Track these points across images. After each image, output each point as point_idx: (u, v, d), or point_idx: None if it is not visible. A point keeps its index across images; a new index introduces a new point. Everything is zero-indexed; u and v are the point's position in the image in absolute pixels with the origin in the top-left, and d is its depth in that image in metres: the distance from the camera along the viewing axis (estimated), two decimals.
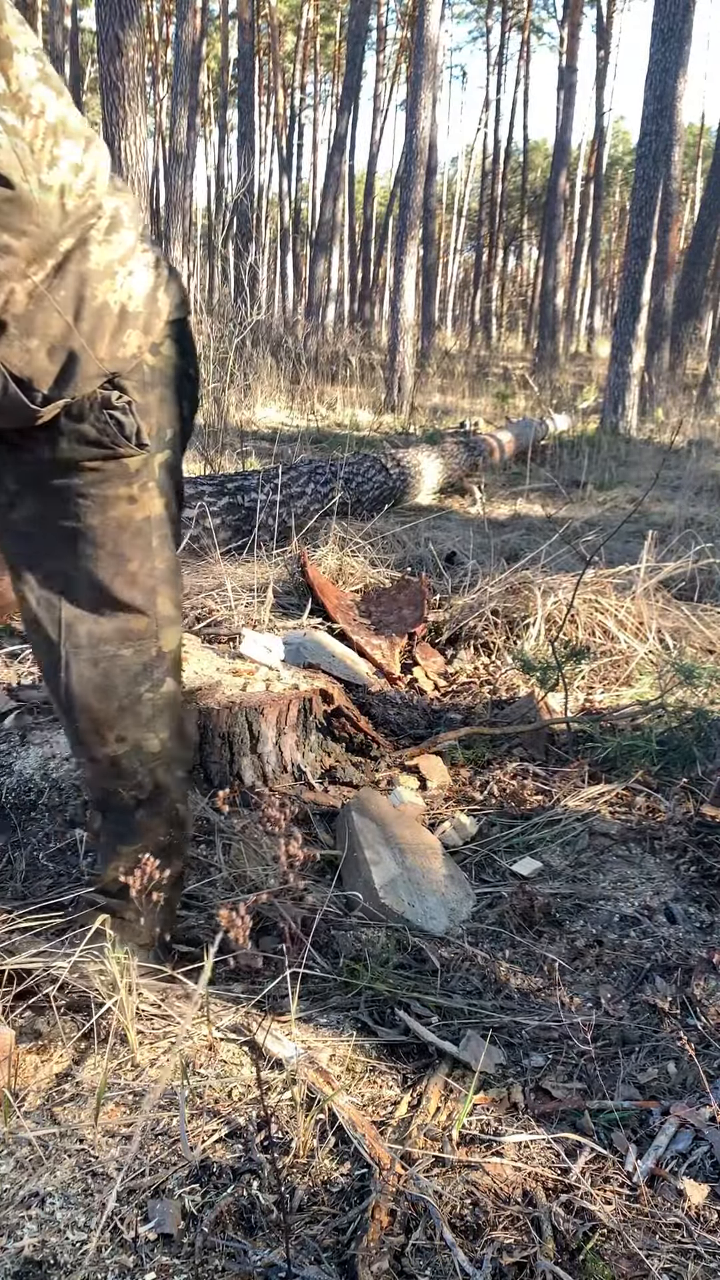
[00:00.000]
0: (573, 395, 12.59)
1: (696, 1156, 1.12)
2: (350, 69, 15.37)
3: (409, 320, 10.47)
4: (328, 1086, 1.16)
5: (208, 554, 3.69)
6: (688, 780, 2.13)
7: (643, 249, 8.72)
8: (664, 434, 9.30)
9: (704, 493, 6.04)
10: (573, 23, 18.56)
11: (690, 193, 29.92)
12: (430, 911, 1.63)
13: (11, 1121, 1.09)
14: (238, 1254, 0.95)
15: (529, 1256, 0.97)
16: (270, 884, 1.64)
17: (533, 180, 35.81)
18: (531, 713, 2.45)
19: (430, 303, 20.28)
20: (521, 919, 1.62)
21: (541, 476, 6.62)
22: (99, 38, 7.12)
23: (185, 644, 2.30)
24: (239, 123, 17.41)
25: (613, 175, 41.39)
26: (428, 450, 5.79)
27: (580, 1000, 1.41)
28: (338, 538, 3.77)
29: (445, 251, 39.20)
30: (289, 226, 30.76)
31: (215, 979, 1.38)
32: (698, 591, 3.56)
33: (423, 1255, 0.97)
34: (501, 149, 30.25)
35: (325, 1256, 0.96)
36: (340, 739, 2.24)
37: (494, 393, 11.76)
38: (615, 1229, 1.01)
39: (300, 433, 8.16)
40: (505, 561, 3.81)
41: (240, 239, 14.75)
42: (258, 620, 2.71)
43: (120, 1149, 1.07)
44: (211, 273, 11.94)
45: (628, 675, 2.78)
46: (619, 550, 4.32)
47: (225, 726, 1.92)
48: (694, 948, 1.54)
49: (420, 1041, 1.29)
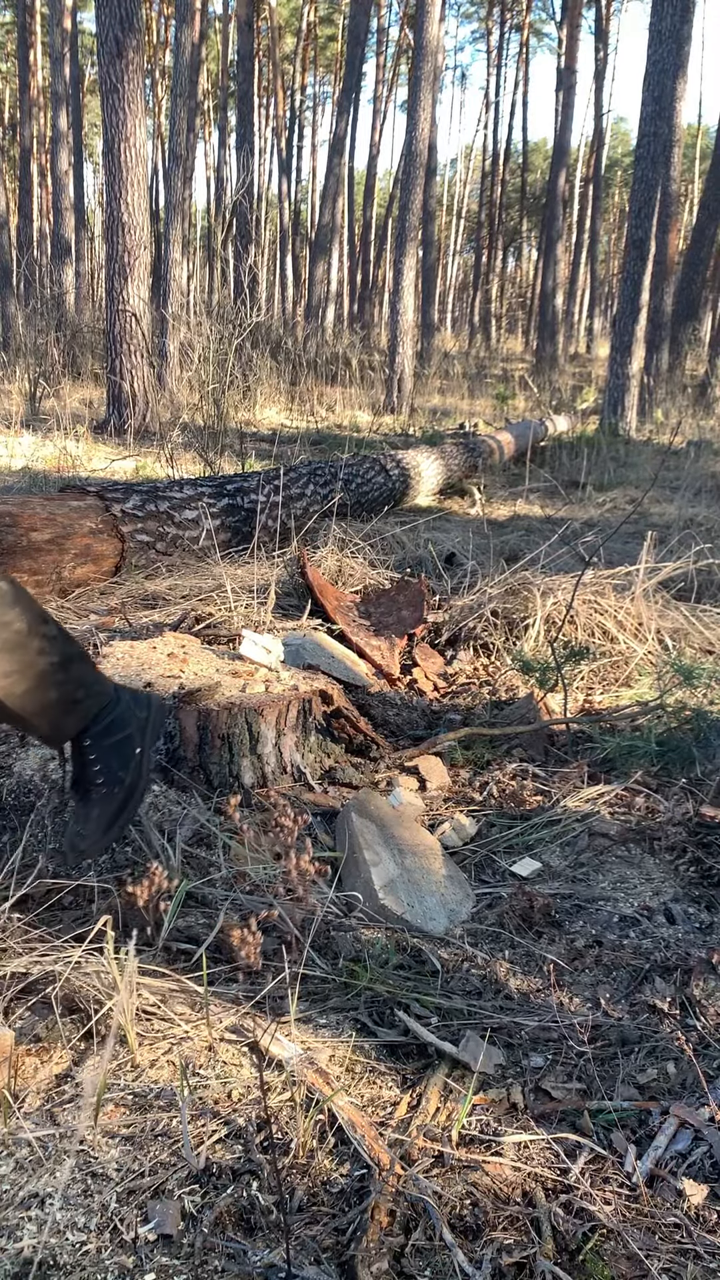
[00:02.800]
0: (572, 396, 12.60)
1: (696, 1156, 1.12)
2: (350, 70, 15.38)
3: (408, 322, 10.48)
4: (327, 1087, 1.16)
5: (207, 555, 3.70)
6: (687, 781, 2.13)
7: (642, 250, 8.73)
8: (663, 435, 9.31)
9: (703, 493, 6.04)
10: (572, 24, 18.57)
11: (689, 194, 29.95)
12: (430, 912, 1.63)
13: (11, 1122, 1.09)
14: (237, 1254, 0.95)
15: (528, 1257, 0.97)
16: (271, 884, 1.64)
17: (532, 181, 35.84)
18: (531, 713, 2.46)
19: (430, 304, 20.30)
20: (521, 919, 1.62)
21: (541, 478, 6.63)
22: (99, 39, 7.13)
23: (184, 644, 2.31)
24: (238, 124, 17.42)
25: (612, 176, 41.43)
26: (427, 451, 5.79)
27: (580, 1001, 1.41)
28: (337, 539, 3.78)
29: (445, 253, 39.22)
30: (288, 228, 30.77)
31: (215, 979, 1.38)
32: (697, 592, 3.56)
33: (422, 1255, 0.97)
34: (501, 150, 30.29)
35: (325, 1257, 0.96)
36: (340, 740, 2.24)
37: (493, 394, 11.77)
38: (615, 1229, 1.01)
39: (300, 434, 8.17)
40: (505, 562, 3.81)
41: (240, 241, 14.75)
42: (258, 621, 2.71)
43: (120, 1149, 1.07)
44: (211, 274, 11.95)
45: (627, 676, 2.78)
46: (618, 551, 4.33)
47: (225, 728, 1.93)
48: (693, 948, 1.54)
49: (420, 1042, 1.29)
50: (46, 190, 24.64)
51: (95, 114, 32.29)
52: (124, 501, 3.49)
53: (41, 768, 1.85)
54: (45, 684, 1.38)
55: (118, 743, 1.48)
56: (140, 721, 1.52)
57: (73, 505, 3.35)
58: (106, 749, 1.47)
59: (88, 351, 11.24)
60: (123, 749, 1.48)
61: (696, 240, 14.22)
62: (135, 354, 7.48)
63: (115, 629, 2.78)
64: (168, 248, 10.36)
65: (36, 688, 1.37)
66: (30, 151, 19.94)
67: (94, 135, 36.01)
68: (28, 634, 1.35)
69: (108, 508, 3.42)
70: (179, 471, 5.65)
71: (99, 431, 7.47)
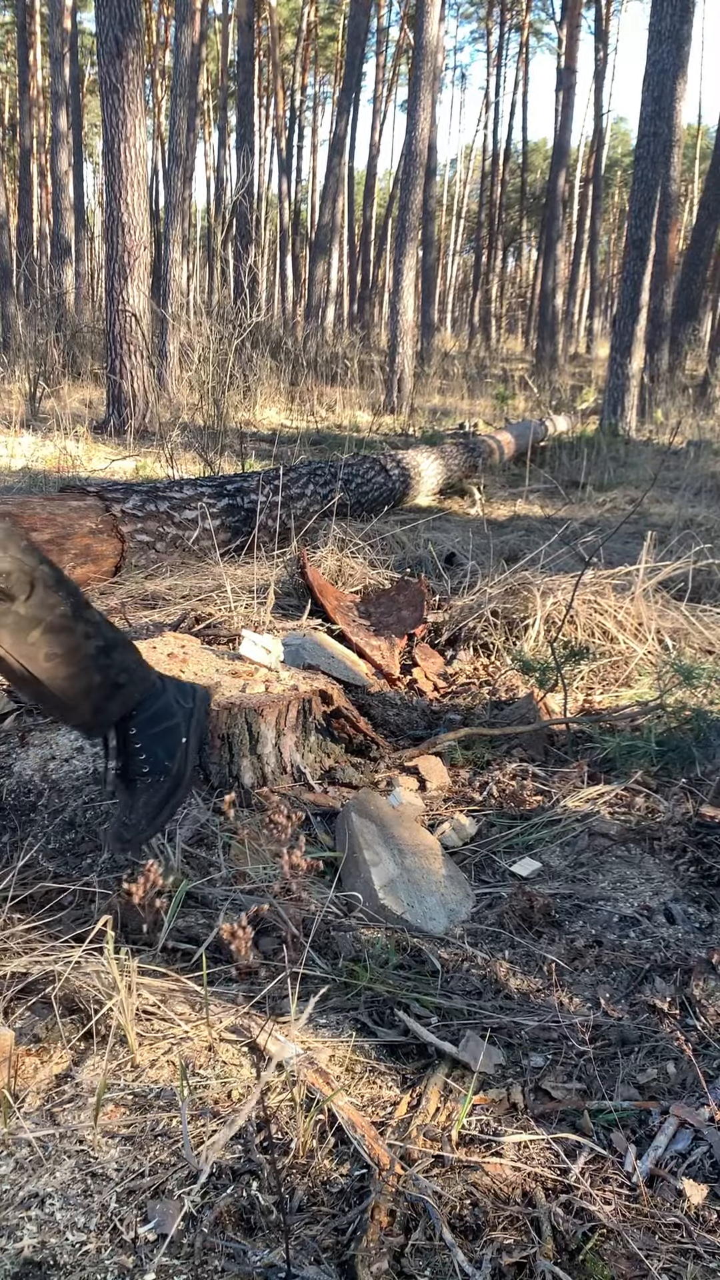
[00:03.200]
0: (572, 396, 12.60)
1: (696, 1156, 1.12)
2: (350, 71, 15.39)
3: (408, 322, 10.48)
4: (327, 1087, 1.16)
5: (207, 555, 3.70)
6: (687, 780, 2.13)
7: (642, 250, 8.73)
8: (663, 435, 9.31)
9: (703, 493, 6.05)
10: (571, 24, 18.58)
11: (689, 194, 29.95)
12: (430, 912, 1.63)
13: (11, 1123, 1.10)
14: (237, 1254, 0.95)
15: (528, 1257, 0.97)
16: (271, 884, 1.64)
17: (532, 181, 35.85)
18: (531, 713, 2.46)
19: (430, 304, 20.30)
20: (521, 919, 1.62)
21: (541, 478, 6.63)
22: (99, 40, 7.14)
23: (184, 644, 2.31)
24: (238, 124, 17.42)
25: (612, 176, 41.44)
26: (427, 451, 5.79)
27: (580, 1000, 1.41)
28: (337, 539, 3.78)
29: (444, 253, 39.23)
30: (288, 228, 30.77)
31: (214, 979, 1.38)
32: (696, 592, 3.56)
33: (422, 1255, 0.97)
34: (501, 150, 30.30)
35: (325, 1257, 0.96)
36: (340, 740, 2.24)
37: (493, 394, 11.77)
38: (615, 1229, 1.01)
39: (300, 434, 8.17)
40: (505, 562, 3.81)
41: (240, 240, 14.76)
42: (258, 621, 2.71)
43: (120, 1149, 1.07)
44: (211, 274, 11.95)
45: (627, 676, 2.78)
46: (618, 551, 4.33)
47: (225, 728, 1.93)
48: (693, 948, 1.54)
49: (420, 1042, 1.29)
50: (46, 190, 24.65)
51: (95, 114, 32.30)
52: (124, 501, 3.49)
53: (41, 767, 1.85)
54: (90, 668, 1.38)
55: (163, 731, 1.47)
56: (186, 712, 1.51)
57: (72, 505, 3.35)
58: (152, 737, 1.46)
59: (88, 351, 11.24)
60: (168, 738, 1.47)
61: (696, 240, 14.22)
62: (135, 354, 7.48)
63: None
64: (168, 248, 10.36)
65: (81, 671, 1.37)
66: (30, 151, 19.94)
67: (94, 135, 36.02)
68: (72, 617, 1.36)
69: (108, 508, 3.42)
70: (179, 471, 5.65)
71: (99, 431, 7.47)
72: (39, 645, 1.33)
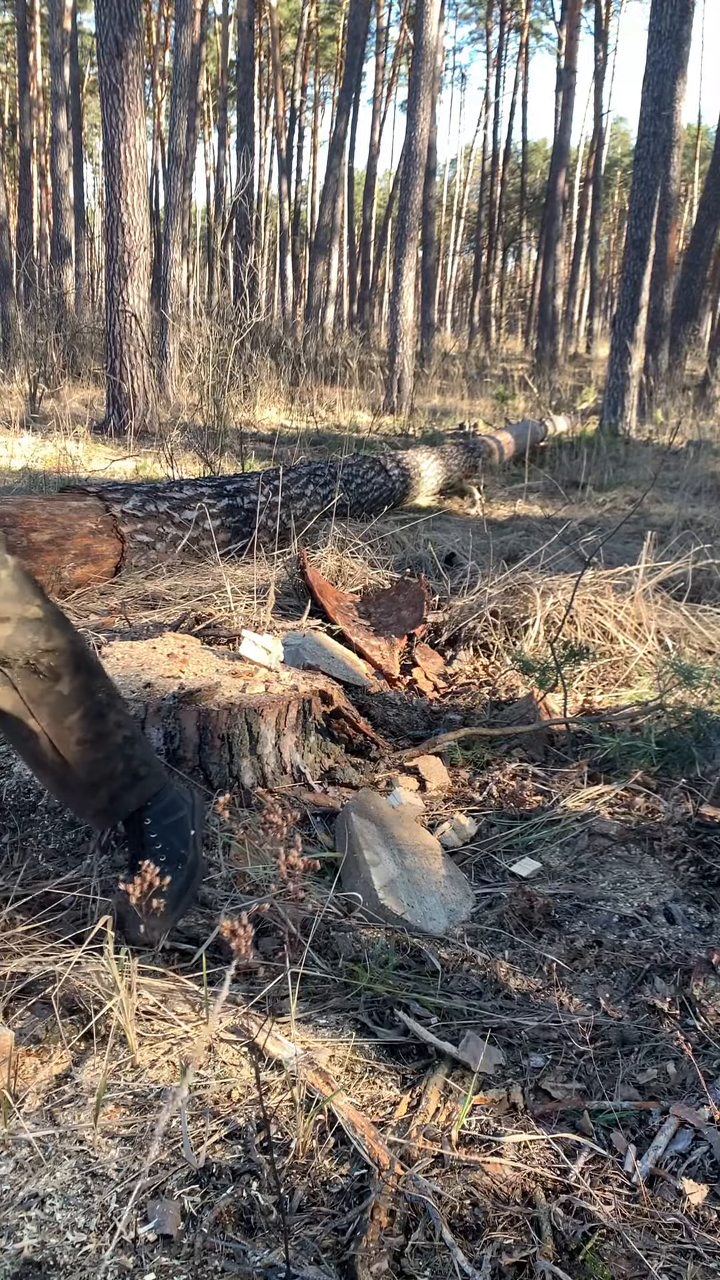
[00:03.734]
0: (572, 396, 12.60)
1: (696, 1156, 1.12)
2: (350, 71, 15.40)
3: (408, 322, 10.48)
4: (327, 1087, 1.16)
5: (207, 555, 3.70)
6: (687, 781, 2.13)
7: (641, 250, 8.73)
8: (663, 435, 9.31)
9: (703, 493, 6.05)
10: (571, 24, 18.58)
11: (689, 194, 29.95)
12: (429, 912, 1.63)
13: (11, 1123, 1.10)
14: (237, 1255, 0.95)
15: (528, 1257, 0.97)
16: (270, 884, 1.64)
17: (532, 182, 35.86)
18: (531, 713, 2.46)
19: (429, 304, 20.29)
20: (521, 920, 1.62)
21: (541, 478, 6.63)
22: (98, 40, 7.14)
23: (184, 644, 2.31)
24: (238, 125, 17.42)
25: (611, 176, 41.43)
26: (427, 452, 5.79)
27: (580, 1001, 1.41)
28: (337, 539, 3.78)
29: (444, 253, 39.23)
30: (288, 228, 30.77)
31: (215, 979, 1.38)
32: (696, 592, 3.56)
33: (422, 1255, 0.97)
34: (500, 150, 30.29)
35: (325, 1257, 0.96)
36: (340, 740, 2.24)
37: (493, 394, 11.77)
38: (615, 1229, 1.01)
39: (300, 434, 8.17)
40: (504, 562, 3.81)
41: (239, 241, 14.76)
42: (258, 621, 2.71)
43: (120, 1149, 1.07)
44: (211, 275, 11.95)
45: (627, 676, 2.78)
46: (618, 551, 4.33)
47: (224, 728, 1.93)
48: (693, 948, 1.54)
49: (420, 1042, 1.29)
50: (46, 191, 24.66)
51: (95, 114, 32.30)
52: (124, 502, 3.49)
53: None
54: (115, 756, 1.43)
55: (176, 822, 1.52)
56: (189, 805, 1.57)
57: (72, 506, 3.36)
58: (167, 828, 1.51)
59: (87, 352, 11.25)
60: (181, 828, 1.52)
61: (696, 240, 14.22)
62: (135, 354, 7.48)
63: (115, 629, 2.78)
64: (167, 248, 10.36)
65: (107, 759, 1.42)
66: (30, 152, 19.95)
67: (94, 135, 36.03)
68: (108, 706, 1.41)
69: (108, 508, 3.42)
70: (179, 472, 5.65)
71: (99, 432, 7.47)
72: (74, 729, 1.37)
